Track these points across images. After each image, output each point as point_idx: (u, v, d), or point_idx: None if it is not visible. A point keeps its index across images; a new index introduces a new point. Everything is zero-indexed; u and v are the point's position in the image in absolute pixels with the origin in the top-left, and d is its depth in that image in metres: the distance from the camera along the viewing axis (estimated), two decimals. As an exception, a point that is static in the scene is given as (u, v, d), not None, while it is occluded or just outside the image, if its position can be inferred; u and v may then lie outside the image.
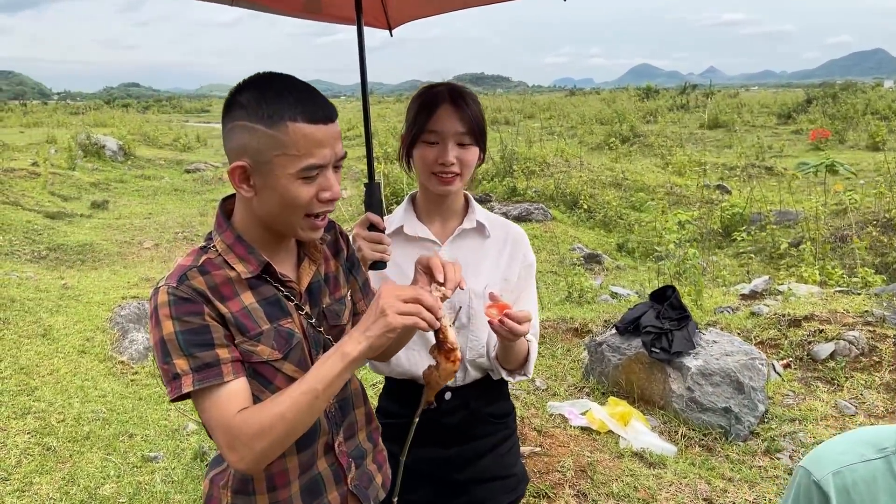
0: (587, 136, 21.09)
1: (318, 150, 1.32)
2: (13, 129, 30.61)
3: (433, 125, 1.80)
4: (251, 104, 1.31)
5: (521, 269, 2.00)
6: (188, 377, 1.30)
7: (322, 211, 1.39)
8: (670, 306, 4.39)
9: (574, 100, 42.28)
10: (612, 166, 13.74)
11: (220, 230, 1.45)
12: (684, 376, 4.15)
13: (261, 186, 1.34)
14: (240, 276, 1.40)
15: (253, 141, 1.31)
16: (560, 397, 4.50)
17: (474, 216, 1.96)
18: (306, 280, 1.52)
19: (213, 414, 1.31)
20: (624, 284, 7.70)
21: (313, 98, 1.34)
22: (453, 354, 1.46)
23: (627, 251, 9.65)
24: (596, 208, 11.36)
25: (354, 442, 1.63)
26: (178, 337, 1.31)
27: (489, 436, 2.04)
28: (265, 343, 1.39)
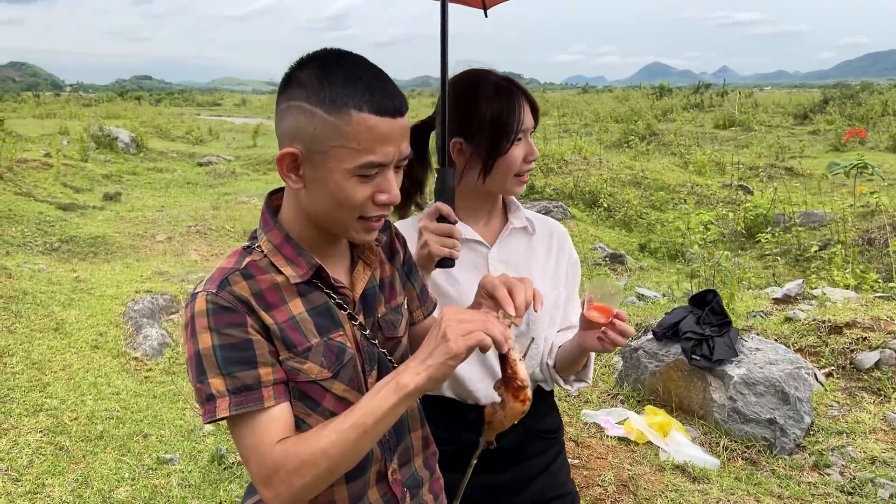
0: (603, 133, 20.87)
1: (381, 147, 1.15)
2: (26, 120, 30.61)
3: (521, 123, 1.65)
4: (312, 83, 1.15)
5: (568, 268, 1.86)
6: (224, 400, 1.14)
7: (377, 215, 1.23)
8: (711, 311, 4.20)
9: (587, 97, 42.04)
10: (632, 164, 13.53)
11: (267, 228, 1.28)
12: (726, 385, 3.96)
13: (311, 178, 1.18)
14: (288, 282, 1.24)
15: (309, 126, 1.14)
16: (593, 405, 4.31)
17: (521, 213, 1.81)
18: (361, 286, 1.34)
19: (249, 442, 1.16)
20: (649, 286, 7.50)
21: (384, 86, 1.17)
22: (523, 393, 1.26)
23: (650, 251, 9.45)
24: (616, 207, 11.16)
25: (409, 469, 1.45)
26: (216, 352, 1.15)
27: (541, 454, 1.88)
28: (314, 360, 1.22)
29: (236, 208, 12.92)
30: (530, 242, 1.81)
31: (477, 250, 1.76)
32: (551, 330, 1.80)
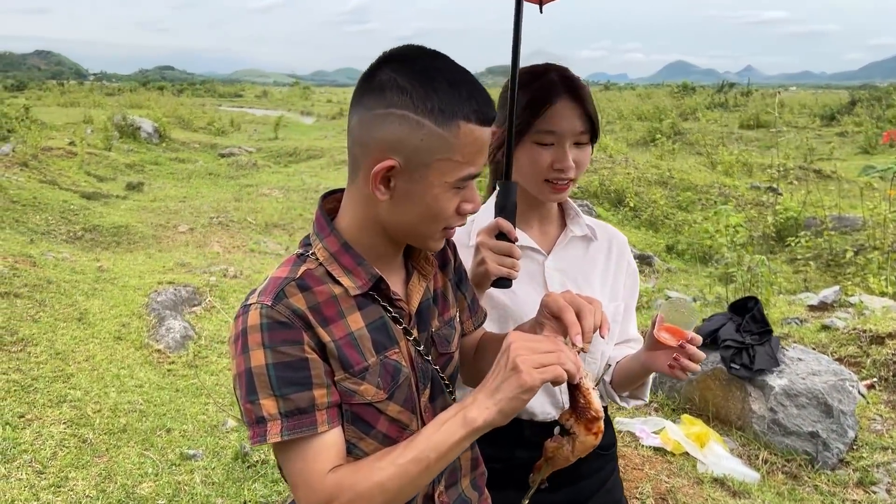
0: (627, 132, 20.66)
1: (479, 158, 1.12)
2: (51, 108, 30.84)
3: (550, 124, 1.50)
4: (417, 91, 1.07)
5: (627, 279, 1.75)
6: (276, 424, 1.07)
7: (458, 224, 1.19)
8: (752, 319, 4.06)
9: (609, 94, 41.68)
10: (658, 164, 13.33)
11: (323, 234, 1.20)
12: (766, 396, 3.83)
13: (403, 192, 1.11)
14: (346, 293, 1.16)
15: (414, 137, 1.07)
16: (627, 412, 4.19)
17: (581, 220, 1.69)
18: (417, 299, 1.26)
19: (299, 468, 1.09)
20: (678, 288, 7.36)
21: (482, 94, 1.11)
22: (597, 425, 1.16)
23: (677, 253, 9.28)
24: (642, 207, 10.99)
25: (457, 490, 1.36)
26: (270, 372, 1.07)
27: (598, 471, 1.78)
28: (370, 381, 1.14)
29: (258, 200, 12.91)
30: (588, 251, 1.70)
31: (532, 258, 1.66)
32: (609, 344, 1.69)
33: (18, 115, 19.24)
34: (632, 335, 1.75)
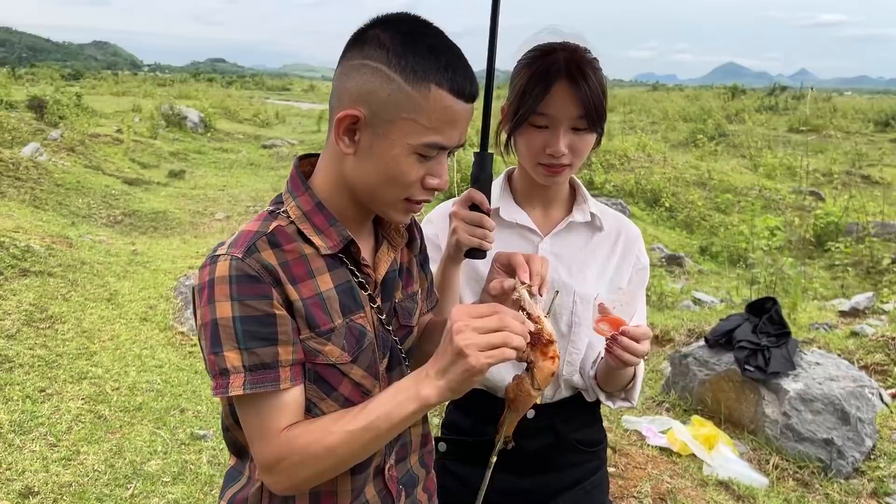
0: (669, 132, 20.34)
1: (448, 129, 1.10)
2: (104, 97, 31.65)
3: (545, 107, 1.46)
4: (395, 48, 1.07)
5: (634, 274, 1.67)
6: (238, 377, 1.06)
7: (421, 199, 1.16)
8: (769, 320, 3.95)
9: (656, 95, 41.11)
10: (698, 164, 13.11)
11: (297, 193, 1.18)
12: (781, 400, 3.72)
13: (366, 147, 1.10)
14: (316, 253, 1.15)
15: (383, 91, 1.07)
16: (636, 411, 4.12)
17: (587, 206, 1.63)
18: (383, 269, 1.26)
19: (256, 423, 1.10)
20: (707, 290, 7.21)
21: (464, 68, 1.11)
22: (551, 349, 1.13)
23: (711, 255, 9.11)
24: (678, 207, 10.81)
25: (405, 466, 1.36)
26: (237, 325, 1.06)
27: (574, 467, 1.71)
28: (336, 342, 1.14)
29: (295, 191, 13.05)
30: (592, 239, 1.65)
31: (528, 238, 1.63)
32: (599, 337, 1.64)
33: (70, 103, 19.80)
34: None
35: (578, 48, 1.51)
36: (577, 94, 1.44)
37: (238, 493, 1.24)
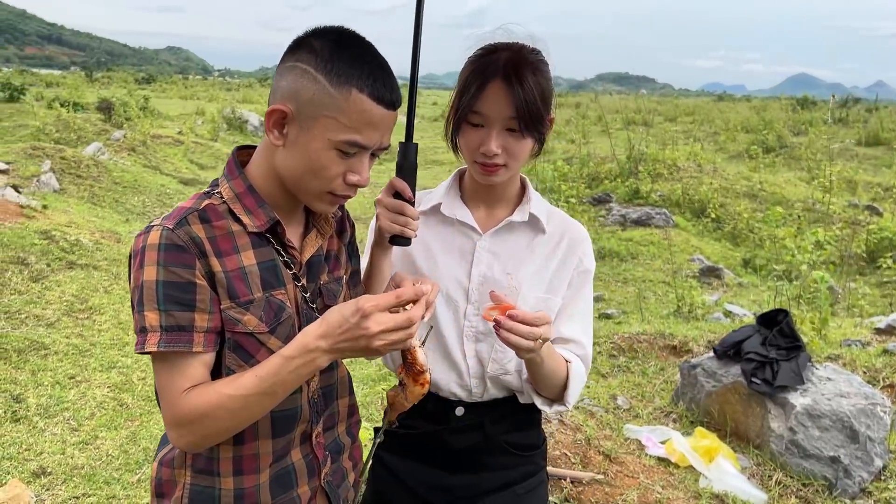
0: (729, 143, 19.86)
1: (367, 130, 1.21)
2: (172, 100, 32.71)
3: (479, 106, 1.47)
4: (324, 53, 1.20)
5: (575, 276, 1.66)
6: (155, 335, 1.17)
7: (343, 194, 1.28)
8: (780, 333, 3.85)
9: (722, 105, 40.12)
10: (749, 176, 12.77)
11: (231, 176, 1.32)
12: (787, 414, 3.62)
13: (293, 140, 1.22)
14: (243, 231, 1.27)
15: (309, 90, 1.19)
16: (642, 420, 4.07)
17: (527, 207, 1.64)
18: (309, 252, 1.38)
19: (164, 382, 1.19)
20: (743, 304, 7.04)
21: (386, 78, 1.23)
22: (422, 377, 1.33)
23: (754, 268, 8.87)
24: (725, 219, 10.57)
25: (333, 434, 1.46)
26: (159, 288, 1.17)
27: (505, 469, 1.71)
28: (254, 313, 1.25)
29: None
30: (534, 240, 1.65)
31: (468, 235, 1.65)
32: None
33: (137, 105, 20.56)
34: (567, 335, 1.63)
35: (523, 49, 1.51)
36: (511, 94, 1.44)
37: (166, 455, 1.34)
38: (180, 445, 1.21)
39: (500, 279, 1.61)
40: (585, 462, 3.41)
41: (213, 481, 1.28)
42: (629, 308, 7.13)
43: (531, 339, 1.33)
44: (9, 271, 5.94)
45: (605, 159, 14.18)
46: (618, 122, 21.96)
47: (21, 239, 6.54)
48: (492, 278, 1.62)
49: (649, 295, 7.71)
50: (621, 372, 4.82)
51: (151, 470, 1.39)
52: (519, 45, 1.53)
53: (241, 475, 1.29)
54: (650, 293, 7.78)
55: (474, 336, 1.63)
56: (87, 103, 20.13)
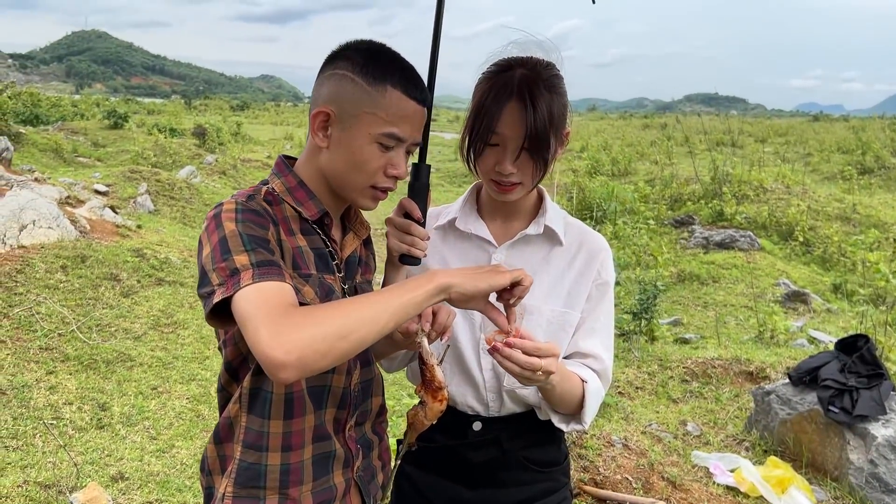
0: (822, 164, 19.07)
1: (403, 123, 1.31)
2: (264, 126, 34.04)
3: (496, 126, 1.47)
4: (359, 60, 1.32)
5: (594, 289, 1.63)
6: (248, 272, 1.14)
7: (385, 186, 1.35)
8: (860, 359, 3.66)
9: (817, 126, 38.55)
10: (842, 198, 12.21)
11: (282, 174, 1.40)
12: (867, 446, 3.44)
13: (337, 139, 1.32)
14: (297, 217, 1.36)
15: (348, 91, 1.30)
16: (712, 448, 3.94)
17: (543, 220, 1.63)
18: (348, 251, 1.47)
19: (263, 302, 1.10)
20: (830, 330, 6.71)
21: (416, 78, 1.35)
22: (440, 394, 1.38)
23: (845, 294, 8.45)
24: (815, 242, 10.13)
25: (362, 430, 1.49)
26: (242, 235, 1.19)
27: (524, 485, 1.68)
28: (312, 286, 1.31)
29: (420, 216, 13.42)
30: (550, 253, 1.64)
31: (484, 248, 1.66)
32: None
33: (230, 131, 21.52)
34: (585, 350, 1.61)
35: (538, 65, 1.51)
36: (524, 116, 1.44)
37: (219, 433, 1.36)
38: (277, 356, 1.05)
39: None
40: (647, 487, 3.33)
41: (259, 457, 1.30)
42: (708, 333, 6.91)
43: (529, 369, 1.31)
44: (102, 286, 6.30)
45: (688, 180, 13.86)
46: (704, 144, 21.44)
47: (115, 256, 6.93)
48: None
49: (730, 320, 7.46)
50: (693, 397, 4.69)
51: (206, 450, 1.40)
52: (533, 60, 1.52)
53: (288, 451, 1.32)
54: (731, 318, 7.52)
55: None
56: (184, 129, 21.20)
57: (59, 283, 6.02)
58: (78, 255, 6.59)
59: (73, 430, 4.19)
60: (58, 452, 3.88)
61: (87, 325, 5.55)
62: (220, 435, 1.37)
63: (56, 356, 5.00)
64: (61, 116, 22.26)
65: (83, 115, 24.42)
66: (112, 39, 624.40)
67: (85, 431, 4.20)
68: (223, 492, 1.32)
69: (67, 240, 6.94)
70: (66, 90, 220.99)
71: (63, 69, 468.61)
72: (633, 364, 5.16)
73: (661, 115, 55.74)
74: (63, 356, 5.00)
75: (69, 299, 5.85)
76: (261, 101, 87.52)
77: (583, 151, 22.77)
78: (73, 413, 4.37)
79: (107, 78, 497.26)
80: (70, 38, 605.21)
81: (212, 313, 1.16)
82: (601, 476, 3.36)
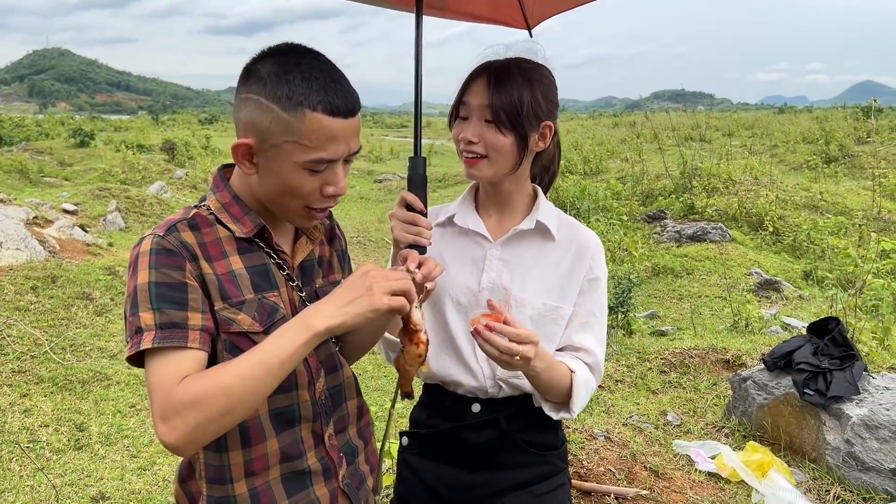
0: (788, 155, 19.35)
1: (331, 145, 1.22)
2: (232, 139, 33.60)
3: (465, 95, 1.57)
4: (271, 79, 1.21)
5: (585, 283, 1.67)
6: (150, 334, 1.16)
7: (322, 206, 1.30)
8: (832, 342, 3.73)
9: (782, 118, 39.06)
10: (809, 186, 12.41)
11: (217, 189, 1.36)
12: (843, 426, 3.50)
13: (263, 168, 1.25)
14: (231, 237, 1.31)
15: (264, 120, 1.20)
16: (693, 436, 3.98)
17: (536, 216, 1.67)
18: (300, 256, 1.42)
19: (157, 377, 1.15)
20: (803, 316, 6.83)
21: (339, 87, 1.23)
22: (416, 336, 1.33)
23: (815, 280, 8.59)
24: (784, 231, 10.28)
25: (345, 437, 1.47)
26: (152, 289, 1.19)
27: (523, 468, 1.72)
28: (247, 312, 1.27)
29: (395, 222, 13.41)
30: (543, 248, 1.68)
31: (479, 244, 1.70)
32: (547, 346, 1.65)
33: (199, 145, 21.34)
34: (577, 343, 1.65)
35: (519, 59, 1.59)
36: (489, 85, 1.53)
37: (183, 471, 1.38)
38: (170, 441, 1.12)
39: (510, 286, 1.64)
40: (631, 478, 3.35)
41: (226, 489, 1.29)
42: (684, 325, 6.99)
43: (508, 353, 1.35)
44: (75, 306, 6.22)
45: (659, 176, 14.01)
46: (672, 139, 21.67)
47: (87, 275, 6.84)
48: (500, 285, 1.65)
49: (704, 311, 7.54)
50: (672, 388, 4.73)
51: (174, 491, 1.41)
52: (517, 57, 1.60)
53: (252, 476, 1.30)
54: (705, 309, 7.61)
55: None
56: (152, 145, 21.01)
57: (30, 305, 5.93)
58: (48, 276, 6.49)
59: (50, 452, 4.13)
60: (35, 475, 3.82)
61: (60, 345, 5.48)
62: (183, 474, 1.38)
63: (30, 378, 4.92)
64: (25, 137, 21.95)
65: (48, 135, 24.12)
66: (75, 57, 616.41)
67: (63, 453, 4.14)
68: None
69: (37, 260, 6.84)
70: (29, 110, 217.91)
71: (25, 89, 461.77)
72: (612, 357, 5.20)
73: (630, 113, 56.20)
74: (37, 378, 4.93)
75: (41, 320, 5.77)
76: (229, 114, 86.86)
77: (554, 152, 22.88)
78: (50, 435, 4.30)
79: (70, 96, 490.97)
80: (31, 56, 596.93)
81: (129, 359, 1.20)
82: (585, 469, 3.38)
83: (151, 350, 1.16)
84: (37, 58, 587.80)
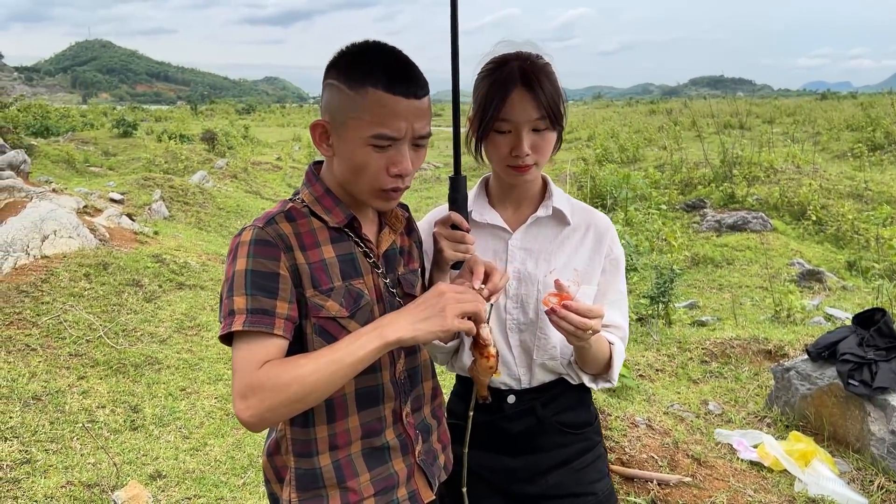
0: (832, 142, 19.00)
1: (391, 121, 1.31)
2: (270, 128, 34.12)
3: (505, 113, 1.60)
4: (343, 66, 1.35)
5: (607, 264, 1.77)
6: (241, 317, 1.27)
7: (391, 187, 1.38)
8: (878, 333, 3.71)
9: (825, 104, 38.25)
10: (854, 175, 12.18)
11: (310, 183, 1.47)
12: (888, 417, 3.49)
13: (337, 147, 1.37)
14: (323, 227, 1.41)
15: (335, 100, 1.34)
16: (734, 425, 3.99)
17: (551, 203, 1.75)
18: (384, 245, 1.52)
19: (242, 357, 1.26)
20: (847, 307, 6.75)
21: (405, 71, 1.34)
22: (486, 350, 1.44)
23: (860, 270, 8.47)
24: (828, 220, 10.13)
25: (420, 415, 1.58)
26: (248, 276, 1.30)
27: (560, 447, 1.81)
28: (335, 299, 1.38)
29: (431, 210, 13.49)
30: (561, 233, 1.76)
31: (499, 236, 1.77)
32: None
33: (239, 134, 21.64)
34: (607, 321, 1.73)
35: (531, 56, 1.64)
36: (533, 97, 1.58)
37: (271, 446, 1.48)
38: (245, 418, 1.22)
39: (534, 273, 1.72)
40: (673, 465, 3.40)
41: (312, 462, 1.41)
42: (724, 315, 6.96)
43: (583, 329, 1.43)
44: (125, 292, 6.41)
45: (698, 165, 13.87)
46: (712, 127, 21.38)
47: (136, 262, 7.04)
48: (526, 273, 1.73)
49: (745, 301, 7.50)
50: (713, 377, 4.74)
51: (262, 462, 1.52)
52: (525, 53, 1.65)
53: (336, 449, 1.41)
54: (746, 299, 7.56)
55: (517, 327, 1.74)
56: (193, 135, 21.35)
57: (84, 291, 6.14)
58: (100, 263, 6.70)
59: (108, 431, 4.30)
60: (96, 453, 3.99)
61: (113, 330, 5.67)
62: (271, 449, 1.48)
63: (86, 362, 5.11)
64: (71, 127, 22.47)
65: (92, 125, 24.64)
66: (116, 48, 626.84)
67: (119, 433, 4.31)
68: (288, 499, 1.42)
69: (88, 248, 7.06)
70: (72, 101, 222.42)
71: (68, 80, 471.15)
72: (653, 347, 5.22)
73: (667, 100, 55.52)
74: (93, 361, 5.12)
75: (94, 306, 5.96)
76: (266, 104, 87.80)
77: (591, 140, 22.77)
78: (107, 416, 4.48)
79: (112, 87, 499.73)
80: (74, 48, 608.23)
81: (221, 338, 1.31)
82: (627, 455, 3.43)
83: (240, 333, 1.26)
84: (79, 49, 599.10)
